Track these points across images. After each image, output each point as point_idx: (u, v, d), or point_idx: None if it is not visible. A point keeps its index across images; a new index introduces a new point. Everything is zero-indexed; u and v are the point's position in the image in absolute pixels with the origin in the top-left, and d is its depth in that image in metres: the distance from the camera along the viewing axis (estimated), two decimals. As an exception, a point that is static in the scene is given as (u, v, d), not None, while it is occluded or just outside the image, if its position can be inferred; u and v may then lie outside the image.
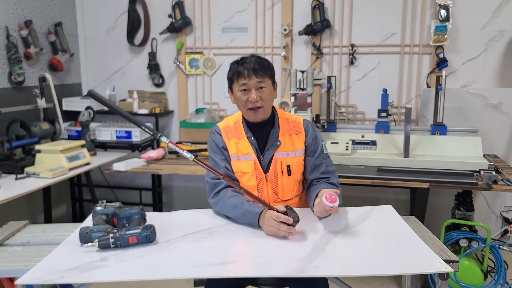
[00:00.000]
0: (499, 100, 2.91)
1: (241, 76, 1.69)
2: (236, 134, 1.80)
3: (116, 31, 3.70)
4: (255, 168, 1.76)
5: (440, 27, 2.97)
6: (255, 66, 1.69)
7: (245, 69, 1.69)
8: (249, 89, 1.70)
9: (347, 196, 1.99)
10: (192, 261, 1.31)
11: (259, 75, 1.69)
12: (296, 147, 1.79)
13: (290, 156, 1.78)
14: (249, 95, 1.70)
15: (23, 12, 3.16)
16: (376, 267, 1.28)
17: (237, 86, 1.72)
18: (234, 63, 1.75)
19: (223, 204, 1.69)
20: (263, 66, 1.71)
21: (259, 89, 1.70)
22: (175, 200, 3.87)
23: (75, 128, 3.36)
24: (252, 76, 1.68)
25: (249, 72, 1.68)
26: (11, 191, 2.33)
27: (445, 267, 1.26)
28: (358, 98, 3.33)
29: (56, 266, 1.28)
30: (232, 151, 1.79)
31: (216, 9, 3.46)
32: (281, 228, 1.46)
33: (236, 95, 1.74)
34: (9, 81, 3.07)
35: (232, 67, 1.75)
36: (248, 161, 1.77)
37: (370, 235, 1.52)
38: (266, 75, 1.71)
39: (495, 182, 2.31)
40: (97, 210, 1.55)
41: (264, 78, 1.71)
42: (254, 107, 1.71)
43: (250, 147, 1.78)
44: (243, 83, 1.69)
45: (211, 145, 1.83)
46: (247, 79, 1.68)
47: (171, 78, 3.67)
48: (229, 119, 1.87)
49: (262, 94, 1.70)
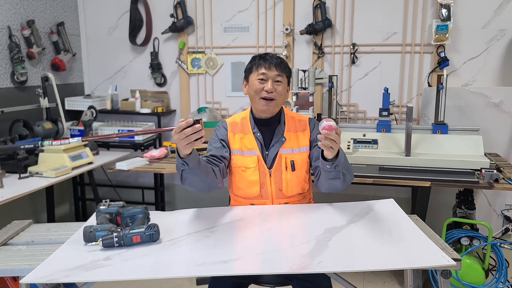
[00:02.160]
0: (500, 99, 2.92)
1: (261, 66, 1.76)
2: (242, 129, 1.84)
3: (118, 30, 3.71)
4: (259, 163, 1.79)
5: (441, 26, 2.97)
6: (277, 61, 1.77)
7: (267, 61, 1.76)
8: (267, 79, 1.75)
9: (348, 194, 2.00)
10: (195, 260, 1.32)
11: (279, 69, 1.76)
12: (301, 143, 1.82)
13: (295, 152, 1.81)
14: (265, 84, 1.75)
15: (26, 12, 3.17)
16: (379, 262, 1.29)
17: (256, 75, 1.77)
18: (255, 56, 1.83)
19: None
20: (284, 64, 1.80)
21: (275, 82, 1.76)
22: (177, 199, 3.88)
23: (77, 127, 3.38)
24: (272, 68, 1.75)
25: (270, 64, 1.76)
26: (15, 190, 2.34)
27: (448, 260, 1.27)
28: (359, 97, 3.34)
29: (60, 265, 1.29)
30: (236, 145, 1.82)
31: (218, 8, 3.47)
32: (187, 132, 1.43)
33: (252, 83, 1.78)
34: (12, 81, 3.08)
35: (253, 59, 1.82)
36: (252, 156, 1.79)
37: (373, 230, 1.53)
38: (284, 73, 1.79)
39: (496, 180, 2.32)
40: (101, 209, 1.56)
41: (283, 74, 1.78)
42: (267, 97, 1.75)
43: (255, 143, 1.81)
44: (263, 72, 1.75)
45: (213, 137, 1.86)
46: (267, 70, 1.75)
47: (173, 78, 3.68)
48: (237, 116, 1.91)
49: (278, 88, 1.76)
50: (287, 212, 1.73)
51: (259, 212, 1.74)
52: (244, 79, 1.85)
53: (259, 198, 1.81)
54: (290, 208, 1.77)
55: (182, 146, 1.47)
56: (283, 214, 1.71)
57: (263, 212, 1.74)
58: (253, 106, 1.84)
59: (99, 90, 3.85)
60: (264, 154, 1.80)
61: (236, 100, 3.55)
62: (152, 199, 3.64)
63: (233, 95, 3.55)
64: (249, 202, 1.83)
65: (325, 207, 1.80)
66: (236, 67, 3.49)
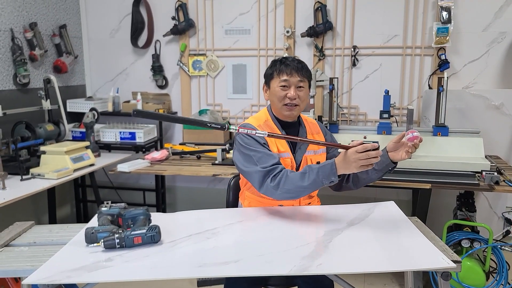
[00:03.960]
0: (501, 101, 2.92)
1: (283, 73, 1.75)
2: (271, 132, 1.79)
3: (120, 33, 3.73)
4: (291, 166, 1.78)
5: (442, 29, 2.98)
6: (298, 65, 1.76)
7: (288, 66, 1.75)
8: (289, 86, 1.75)
9: (349, 196, 2.01)
10: (196, 261, 1.33)
11: (301, 75, 1.75)
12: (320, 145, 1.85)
13: (317, 154, 1.84)
14: (288, 91, 1.74)
15: (28, 15, 3.19)
16: (379, 264, 1.30)
17: (277, 81, 1.76)
18: (276, 60, 1.81)
19: (289, 180, 1.61)
20: (305, 68, 1.79)
21: (298, 88, 1.76)
22: (178, 200, 3.88)
23: (79, 129, 3.39)
24: (294, 74, 1.74)
25: (291, 70, 1.74)
26: (17, 192, 2.36)
27: (447, 262, 1.27)
28: (360, 100, 3.35)
29: (62, 266, 1.30)
30: (274, 148, 1.77)
31: (219, 11, 3.48)
32: (370, 155, 1.47)
33: (274, 90, 1.77)
34: (14, 83, 3.10)
35: (274, 64, 1.80)
36: (286, 159, 1.78)
37: (373, 232, 1.53)
38: (306, 77, 1.78)
39: (497, 183, 2.32)
40: (103, 210, 1.56)
41: (304, 79, 1.77)
42: (291, 104, 1.75)
43: (286, 145, 1.81)
44: (285, 79, 1.75)
45: (252, 142, 1.73)
46: (289, 76, 1.74)
47: (175, 80, 3.69)
48: (258, 118, 1.86)
49: (300, 93, 1.76)
50: (288, 214, 1.73)
51: (260, 214, 1.75)
52: (265, 84, 1.85)
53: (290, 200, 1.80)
54: (290, 210, 1.78)
55: (357, 166, 1.50)
56: (284, 216, 1.72)
57: (264, 214, 1.75)
58: (275, 112, 1.84)
59: (100, 92, 3.87)
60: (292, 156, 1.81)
61: (237, 102, 3.56)
62: (153, 200, 3.65)
63: (234, 97, 3.56)
64: (278, 203, 1.81)
65: (326, 209, 1.80)
66: (237, 70, 3.50)
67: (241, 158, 1.74)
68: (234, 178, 2.13)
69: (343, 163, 1.54)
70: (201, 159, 3.04)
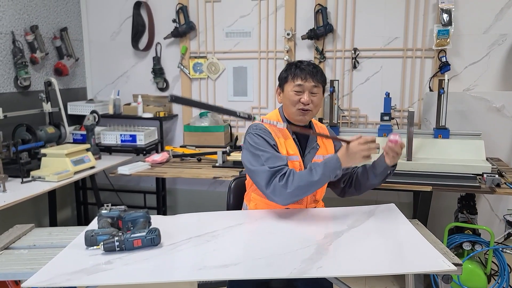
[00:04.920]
0: (502, 103, 2.92)
1: (297, 77, 1.75)
2: (283, 134, 1.81)
3: (120, 35, 3.74)
4: (300, 169, 1.76)
5: (443, 31, 2.98)
6: (313, 70, 1.76)
7: (303, 71, 1.75)
8: (303, 91, 1.75)
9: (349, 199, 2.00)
10: (196, 264, 1.32)
11: (315, 80, 1.75)
12: (329, 150, 1.86)
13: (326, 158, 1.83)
14: (301, 96, 1.75)
15: (29, 18, 3.20)
16: (379, 266, 1.29)
17: (291, 85, 1.76)
18: (291, 64, 1.81)
19: (297, 178, 1.63)
20: (320, 73, 1.78)
21: (312, 93, 1.75)
22: (179, 203, 3.88)
23: (80, 132, 3.39)
24: (308, 78, 1.75)
25: (306, 75, 1.74)
26: (17, 194, 2.35)
27: (448, 265, 1.27)
28: (361, 102, 3.34)
29: (62, 269, 1.30)
30: (283, 150, 1.77)
31: (220, 14, 3.48)
32: (371, 146, 1.59)
33: (288, 94, 1.78)
34: (15, 86, 3.10)
35: (289, 67, 1.80)
36: (295, 162, 1.78)
37: (374, 234, 1.53)
38: (320, 83, 1.78)
39: (498, 185, 2.31)
40: (102, 213, 1.56)
41: (319, 84, 1.77)
42: (304, 109, 1.75)
43: (295, 148, 1.81)
44: (299, 83, 1.75)
45: (261, 142, 1.74)
46: (304, 81, 1.74)
47: (175, 82, 3.70)
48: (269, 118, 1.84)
49: (314, 99, 1.77)
50: (288, 216, 1.73)
51: (260, 217, 1.74)
52: (279, 87, 1.85)
53: (297, 203, 1.80)
54: (291, 212, 1.77)
55: (360, 157, 1.59)
56: (284, 218, 1.71)
57: (264, 216, 1.74)
58: (288, 115, 1.84)
59: (101, 95, 3.87)
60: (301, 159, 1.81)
61: (238, 105, 3.55)
62: (154, 203, 3.65)
63: (235, 100, 3.56)
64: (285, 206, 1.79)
65: (326, 211, 1.80)
66: (238, 72, 3.50)
67: (249, 157, 1.74)
68: (235, 180, 2.13)
69: (346, 156, 1.62)
70: (201, 162, 3.04)
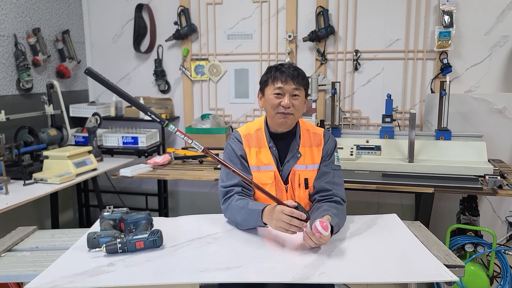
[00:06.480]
0: (504, 105, 2.91)
1: (277, 80, 1.68)
2: (257, 143, 1.76)
3: (122, 38, 3.75)
4: (275, 179, 1.72)
5: (444, 33, 2.98)
6: (294, 73, 1.69)
7: (283, 74, 1.68)
8: (283, 94, 1.68)
9: (351, 201, 2.00)
10: (198, 266, 1.33)
11: (296, 83, 1.68)
12: (315, 160, 1.76)
13: (309, 169, 1.75)
14: (282, 99, 1.67)
15: (31, 20, 3.21)
16: (381, 274, 1.29)
17: (271, 89, 1.69)
18: (271, 67, 1.74)
19: (232, 209, 1.64)
20: (301, 76, 1.71)
21: (293, 96, 1.68)
22: (180, 205, 3.88)
23: (82, 134, 3.40)
24: (289, 81, 1.67)
25: (286, 77, 1.67)
26: (19, 197, 2.36)
27: (450, 276, 1.26)
28: (362, 104, 3.34)
29: (64, 271, 1.30)
30: (252, 161, 1.73)
31: (221, 16, 3.49)
32: (293, 222, 1.41)
33: (268, 98, 1.71)
34: (18, 88, 3.11)
35: (269, 70, 1.74)
36: (268, 172, 1.72)
37: (376, 242, 1.53)
38: (301, 86, 1.70)
39: (500, 187, 2.31)
40: (105, 215, 1.57)
41: (300, 87, 1.69)
42: (285, 112, 1.68)
43: (271, 157, 1.74)
44: (279, 86, 1.67)
45: (229, 152, 1.76)
46: (284, 84, 1.67)
47: (177, 85, 3.70)
48: (251, 126, 1.83)
49: (295, 102, 1.69)
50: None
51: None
52: (260, 91, 1.78)
53: None
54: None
55: (276, 225, 1.46)
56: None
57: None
58: (269, 120, 1.77)
59: (103, 97, 3.88)
60: (279, 169, 1.74)
61: (240, 107, 3.56)
62: (156, 205, 3.65)
63: (237, 102, 3.57)
64: None
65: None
66: (239, 74, 3.51)
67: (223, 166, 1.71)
68: (236, 182, 2.12)
69: (268, 215, 1.51)
70: (203, 164, 3.04)
